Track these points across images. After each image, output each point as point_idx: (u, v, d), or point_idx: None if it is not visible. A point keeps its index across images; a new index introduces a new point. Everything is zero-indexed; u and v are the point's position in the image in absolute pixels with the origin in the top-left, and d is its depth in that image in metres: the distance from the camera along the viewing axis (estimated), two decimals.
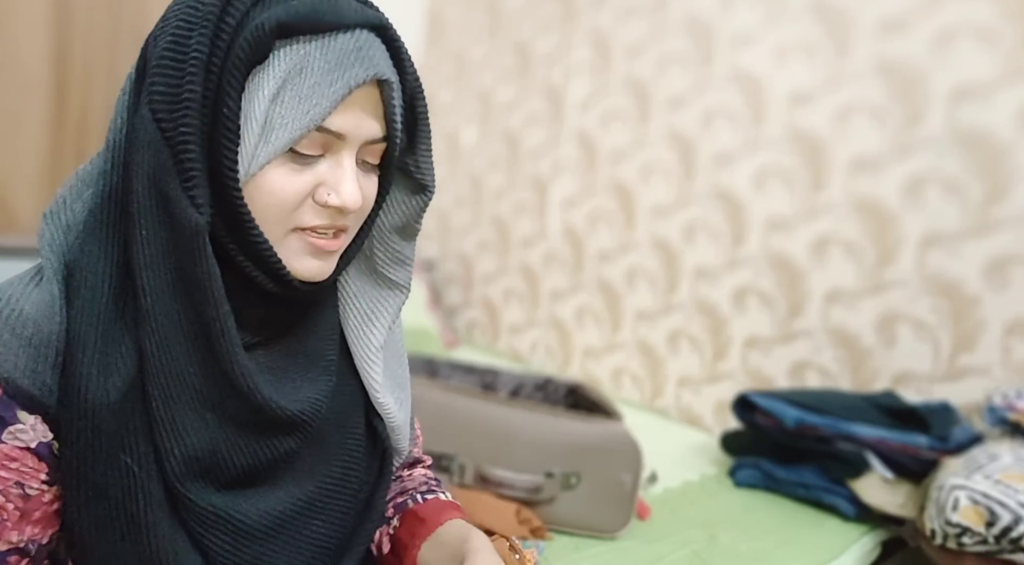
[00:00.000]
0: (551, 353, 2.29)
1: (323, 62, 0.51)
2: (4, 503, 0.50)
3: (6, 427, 0.50)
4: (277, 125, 0.50)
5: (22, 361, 0.50)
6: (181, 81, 0.50)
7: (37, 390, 0.50)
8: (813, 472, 1.41)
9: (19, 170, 2.00)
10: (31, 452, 0.51)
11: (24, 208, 2.03)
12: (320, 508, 0.61)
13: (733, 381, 1.86)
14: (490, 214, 2.42)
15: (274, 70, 0.50)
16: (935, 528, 1.15)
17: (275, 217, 0.53)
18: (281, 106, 0.50)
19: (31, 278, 0.53)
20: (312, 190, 0.54)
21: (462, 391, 1.28)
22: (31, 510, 0.52)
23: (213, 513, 0.54)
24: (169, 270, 0.50)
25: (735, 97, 1.82)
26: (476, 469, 1.19)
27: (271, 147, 0.51)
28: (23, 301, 0.51)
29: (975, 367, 1.50)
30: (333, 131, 0.52)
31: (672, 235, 1.97)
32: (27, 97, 1.97)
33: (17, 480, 0.50)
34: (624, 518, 1.21)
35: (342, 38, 0.52)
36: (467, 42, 2.47)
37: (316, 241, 0.55)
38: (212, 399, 0.53)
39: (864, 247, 1.64)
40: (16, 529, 0.51)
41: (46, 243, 0.53)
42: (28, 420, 0.50)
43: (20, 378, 0.49)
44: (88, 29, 2.02)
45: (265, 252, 0.53)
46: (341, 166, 0.54)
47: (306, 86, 0.50)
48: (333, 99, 0.51)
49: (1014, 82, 1.43)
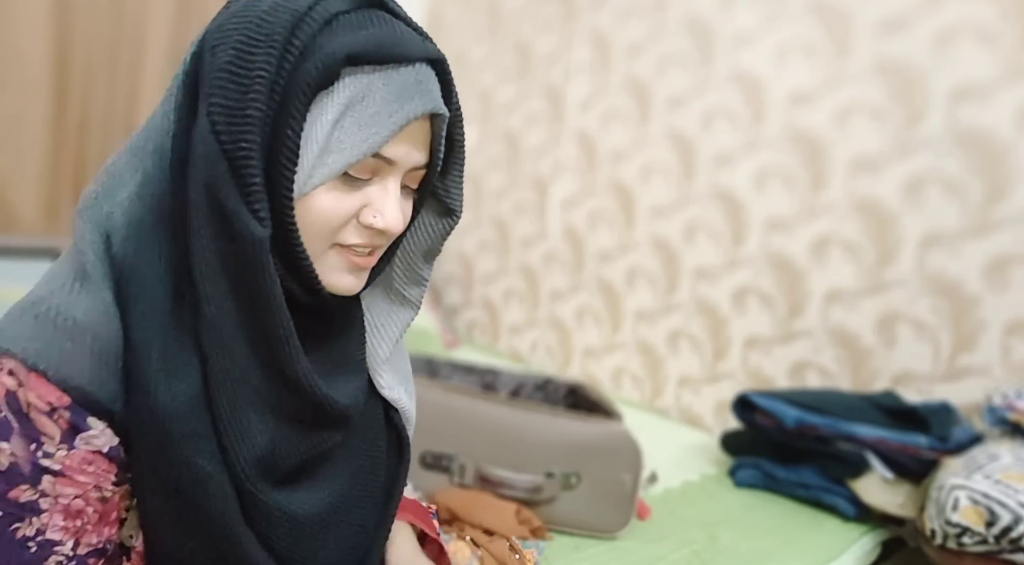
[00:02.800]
0: (551, 353, 2.29)
1: (385, 93, 0.53)
2: (84, 507, 0.52)
3: (79, 433, 0.51)
4: (335, 149, 0.52)
5: (87, 369, 0.50)
6: (244, 97, 0.50)
7: (104, 397, 0.51)
8: (813, 472, 1.41)
9: (20, 170, 2.00)
10: (103, 455, 0.52)
11: (25, 208, 2.03)
12: (358, 496, 0.64)
13: (733, 381, 1.86)
14: (490, 214, 2.43)
15: (338, 96, 0.52)
16: (935, 528, 1.15)
17: (319, 235, 0.55)
18: (341, 131, 0.52)
19: (73, 282, 0.52)
20: (357, 211, 0.56)
21: (462, 391, 1.28)
22: (108, 512, 0.54)
23: (277, 509, 0.56)
24: (229, 279, 0.52)
25: (735, 97, 1.82)
26: (476, 469, 1.19)
27: (327, 169, 0.52)
28: (74, 309, 0.51)
29: (975, 367, 1.50)
30: (387, 158, 0.55)
31: (672, 235, 1.97)
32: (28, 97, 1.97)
33: (96, 484, 0.52)
34: (624, 518, 1.21)
35: (404, 71, 0.54)
36: (467, 42, 2.47)
37: (355, 258, 0.57)
38: (271, 400, 0.55)
39: (864, 247, 1.64)
40: (95, 531, 0.53)
41: (87, 245, 0.53)
42: (98, 426, 0.51)
43: (87, 386, 0.50)
44: (88, 30, 2.02)
45: (305, 267, 0.55)
46: (387, 191, 0.56)
47: (367, 114, 0.52)
48: (392, 129, 0.53)
49: (1014, 82, 1.43)
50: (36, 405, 0.49)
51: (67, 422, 0.50)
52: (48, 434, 0.50)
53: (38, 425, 0.50)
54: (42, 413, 0.49)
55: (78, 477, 0.51)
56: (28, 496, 0.50)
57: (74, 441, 0.50)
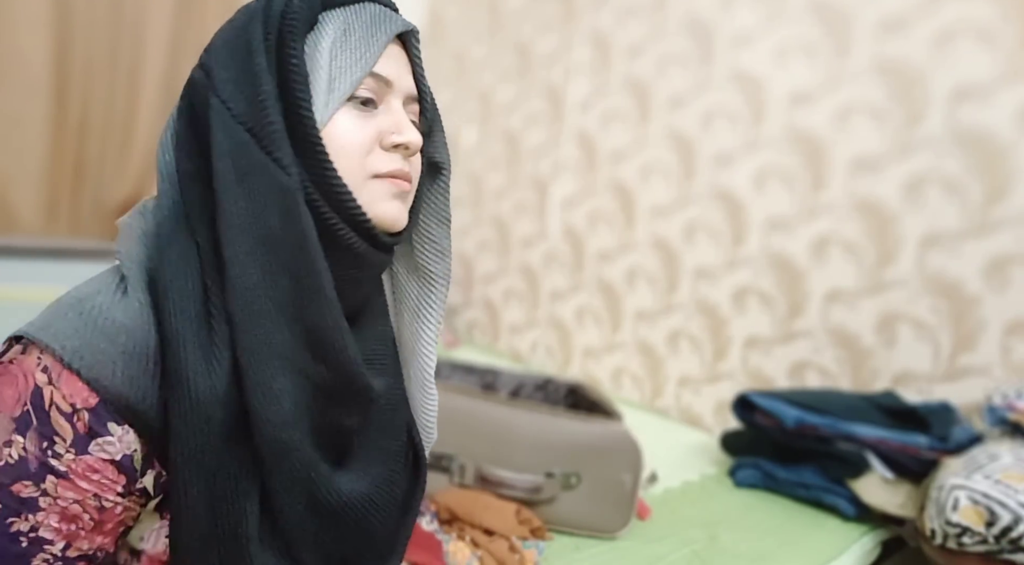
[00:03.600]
0: (551, 353, 2.29)
1: (361, 23, 0.60)
2: (80, 513, 0.52)
3: (94, 439, 0.51)
4: (337, 75, 0.57)
5: (120, 369, 0.52)
6: (247, 60, 0.56)
7: (134, 397, 0.52)
8: (813, 472, 1.41)
9: (20, 170, 2.00)
10: (113, 464, 0.52)
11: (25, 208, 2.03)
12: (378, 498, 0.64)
13: (733, 381, 1.86)
14: (490, 214, 2.43)
15: (326, 32, 0.58)
16: (935, 528, 1.15)
17: (352, 164, 0.58)
18: (338, 59, 0.58)
19: (116, 286, 0.55)
20: (378, 138, 0.59)
21: (462, 391, 1.28)
22: (104, 521, 0.54)
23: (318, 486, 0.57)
24: (256, 239, 0.53)
25: (735, 97, 1.82)
26: (476, 469, 1.19)
27: (338, 94, 0.57)
28: (114, 310, 0.53)
29: (975, 367, 1.50)
30: (384, 76, 0.60)
31: (672, 235, 1.97)
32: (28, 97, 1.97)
33: (96, 492, 0.52)
34: (624, 518, 1.21)
35: (370, 6, 0.61)
36: (467, 42, 2.47)
37: (394, 182, 0.60)
38: (298, 361, 0.55)
39: (864, 247, 1.64)
40: (87, 539, 0.53)
41: (125, 255, 0.56)
42: (117, 432, 0.52)
43: (119, 386, 0.51)
44: (88, 29, 2.02)
45: (345, 196, 0.56)
46: (394, 111, 0.61)
47: (354, 40, 0.59)
48: (379, 46, 0.59)
49: (1014, 82, 1.43)
50: (58, 404, 0.50)
51: (85, 425, 0.51)
52: (62, 435, 0.51)
53: (55, 424, 0.50)
54: (62, 413, 0.50)
55: (80, 483, 0.51)
56: (29, 492, 0.50)
57: (87, 446, 0.51)
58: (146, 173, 2.18)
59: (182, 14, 2.14)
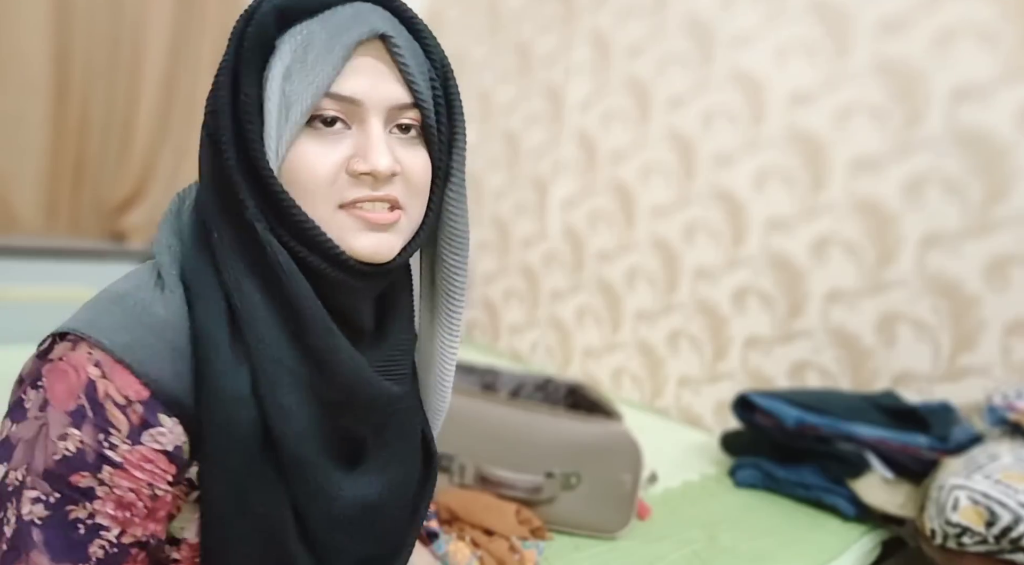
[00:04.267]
0: (551, 353, 2.29)
1: (324, 35, 0.54)
2: (135, 501, 0.53)
3: (147, 430, 0.52)
4: (292, 102, 0.53)
5: (167, 364, 0.53)
6: (217, 90, 0.55)
7: (181, 392, 0.53)
8: (813, 472, 1.41)
9: (20, 170, 2.00)
10: (165, 454, 0.53)
11: (25, 208, 2.03)
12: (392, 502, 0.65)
13: (733, 381, 1.86)
14: (490, 214, 2.43)
15: (282, 54, 0.54)
16: (935, 528, 1.15)
17: (315, 194, 0.55)
18: (292, 83, 0.53)
19: (155, 283, 0.56)
20: (345, 163, 0.55)
21: (462, 391, 1.28)
22: (157, 509, 0.55)
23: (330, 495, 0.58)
24: (248, 263, 0.55)
25: (735, 97, 1.82)
26: (476, 469, 1.19)
27: (291, 123, 0.54)
28: (156, 305, 0.55)
29: (975, 367, 1.50)
30: (346, 96, 0.54)
31: (672, 235, 1.97)
32: (28, 97, 1.97)
33: (149, 481, 0.53)
34: (624, 518, 1.21)
35: (340, 10, 0.55)
36: (467, 42, 2.47)
37: (367, 215, 0.56)
38: (304, 378, 0.56)
39: (864, 247, 1.64)
40: (142, 525, 0.54)
41: (164, 248, 0.58)
42: (168, 423, 0.53)
43: (168, 380, 0.53)
44: (89, 30, 2.02)
45: (310, 230, 0.54)
46: (366, 133, 0.56)
47: (311, 58, 0.54)
48: (335, 63, 0.54)
49: (1014, 82, 1.43)
50: (113, 397, 0.51)
51: (139, 417, 0.52)
52: (117, 426, 0.52)
53: (110, 416, 0.51)
54: (116, 405, 0.51)
55: (135, 472, 0.52)
56: (86, 482, 0.51)
57: (140, 436, 0.52)
58: (146, 173, 2.18)
59: (182, 14, 2.14)
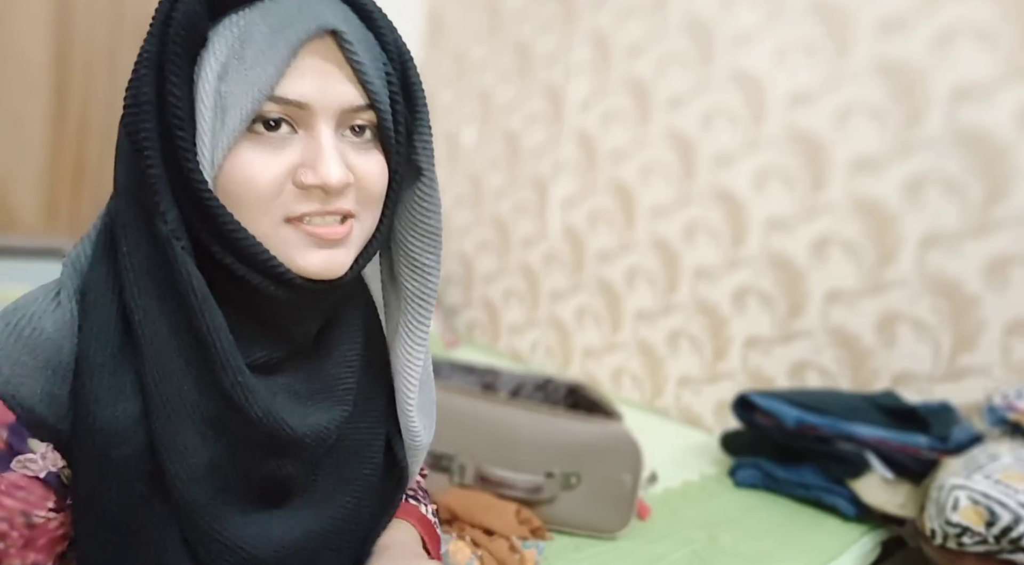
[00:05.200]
0: (551, 353, 2.29)
1: (265, 27, 0.47)
2: (8, 530, 0.49)
3: (15, 456, 0.49)
4: (229, 104, 0.46)
5: (39, 385, 0.48)
6: (138, 85, 0.48)
7: (53, 416, 0.49)
8: (813, 472, 1.41)
9: (19, 170, 2.00)
10: (39, 481, 0.50)
11: (24, 208, 2.03)
12: (331, 539, 0.58)
13: (733, 381, 1.86)
14: (490, 214, 2.42)
15: (216, 48, 0.47)
16: (935, 528, 1.15)
17: (257, 207, 0.49)
18: (228, 83, 0.46)
19: (54, 296, 0.51)
20: (291, 172, 0.49)
21: (462, 391, 1.28)
22: (36, 537, 0.51)
23: (220, 542, 0.51)
24: (157, 284, 0.48)
25: (735, 97, 1.82)
26: (476, 469, 1.19)
27: (228, 129, 0.47)
28: (44, 320, 0.49)
29: (975, 367, 1.50)
30: (292, 100, 0.48)
31: (672, 235, 1.97)
32: (28, 97, 1.97)
33: (23, 509, 0.50)
34: (624, 518, 1.21)
35: (284, 1, 0.48)
36: (467, 42, 2.47)
37: (316, 230, 0.50)
38: (210, 414, 0.50)
39: (864, 247, 1.64)
40: (19, 556, 0.50)
41: (71, 261, 0.52)
42: (39, 449, 0.49)
43: (37, 404, 0.48)
44: (88, 29, 2.02)
45: (250, 247, 0.49)
46: (315, 140, 0.49)
47: (249, 56, 0.46)
48: (279, 62, 0.47)
49: (1014, 82, 1.43)
50: None
51: (4, 442, 0.48)
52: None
53: None
54: None
55: (5, 500, 0.49)
56: None
57: (9, 463, 0.49)
58: None
59: None
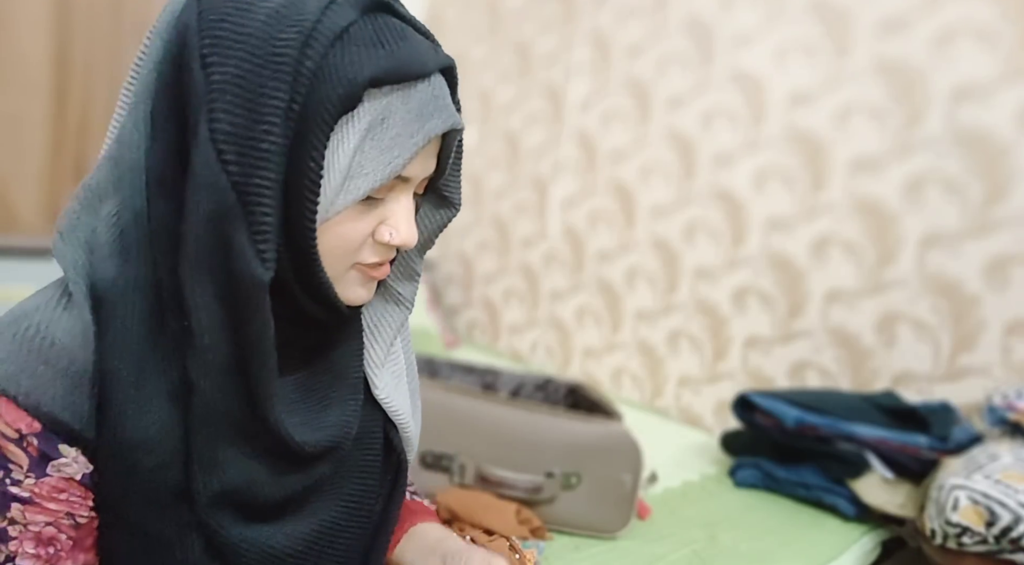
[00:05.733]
0: (551, 353, 2.29)
1: (404, 112, 0.51)
2: (57, 534, 0.50)
3: (50, 462, 0.49)
4: (357, 175, 0.50)
5: (59, 393, 0.48)
6: (256, 127, 0.47)
7: (76, 423, 0.49)
8: (813, 472, 1.41)
9: (20, 170, 2.00)
10: (77, 482, 0.50)
11: (25, 208, 2.03)
12: (344, 526, 0.62)
13: (733, 381, 1.86)
14: (490, 214, 2.42)
15: (359, 121, 0.49)
16: (935, 528, 1.15)
17: (340, 258, 0.53)
18: (363, 156, 0.50)
19: (58, 301, 0.50)
20: (372, 231, 0.54)
21: (462, 391, 1.28)
22: (83, 538, 0.52)
23: (245, 545, 0.54)
24: (225, 311, 0.49)
25: (735, 97, 1.82)
26: (476, 469, 1.19)
27: (349, 196, 0.50)
28: (55, 328, 0.49)
29: (975, 367, 1.50)
30: (406, 176, 0.54)
31: (672, 235, 1.97)
32: (28, 97, 1.97)
33: (68, 511, 0.51)
34: (624, 518, 1.21)
35: (421, 86, 0.52)
36: (467, 42, 2.47)
37: (373, 272, 0.56)
38: (250, 433, 0.53)
39: (864, 247, 1.64)
40: (70, 557, 0.51)
41: (70, 264, 0.49)
42: (70, 453, 0.50)
43: (59, 411, 0.48)
44: (89, 30, 2.02)
45: (327, 291, 0.54)
46: (401, 206, 0.55)
47: (388, 137, 0.50)
48: (413, 149, 0.51)
49: (1014, 82, 1.43)
50: (4, 432, 0.48)
51: (36, 449, 0.49)
52: (16, 462, 0.48)
53: (6, 452, 0.48)
54: (10, 440, 0.48)
55: (49, 505, 0.50)
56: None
57: (45, 468, 0.49)
58: None
59: None
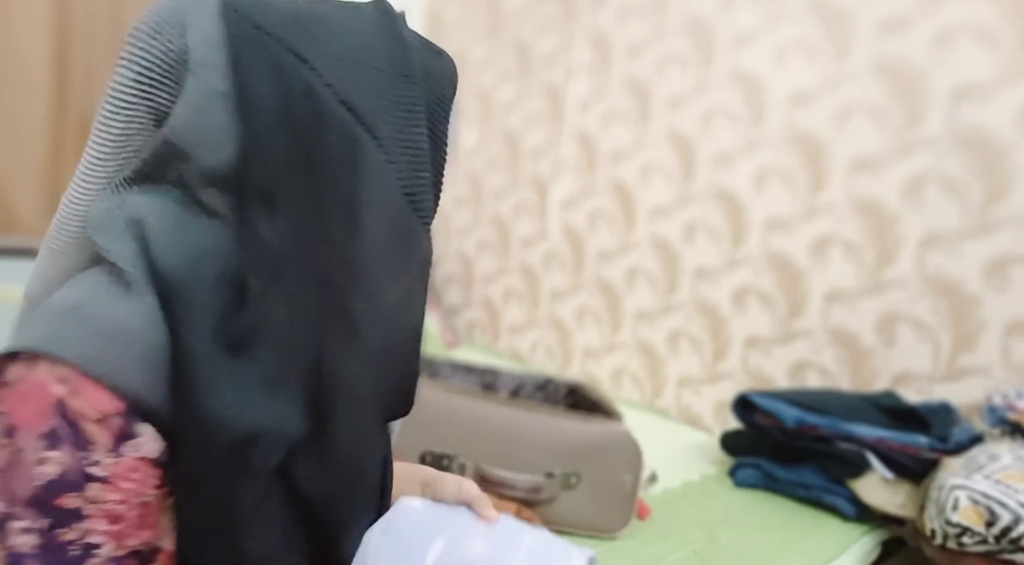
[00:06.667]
0: (551, 353, 2.29)
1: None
2: (126, 512, 0.52)
3: (127, 440, 0.51)
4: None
5: (137, 374, 0.51)
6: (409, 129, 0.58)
7: (154, 402, 0.51)
8: (813, 472, 1.41)
9: (20, 170, 2.00)
10: (149, 462, 0.52)
11: (25, 208, 2.03)
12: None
13: (733, 381, 1.86)
14: (490, 214, 2.42)
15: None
16: (935, 528, 1.15)
17: None
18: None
19: (114, 289, 0.52)
20: None
21: (462, 391, 1.28)
22: (147, 514, 0.53)
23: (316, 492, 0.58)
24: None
25: (735, 97, 1.82)
26: (476, 469, 1.19)
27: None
28: (119, 315, 0.51)
29: (975, 367, 1.50)
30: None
31: (672, 235, 1.97)
32: (28, 98, 1.97)
33: (138, 490, 0.52)
34: (624, 518, 1.21)
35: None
36: (467, 42, 2.47)
37: None
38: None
39: (864, 247, 1.64)
40: (135, 534, 0.53)
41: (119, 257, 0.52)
42: (147, 432, 0.52)
43: (139, 391, 0.50)
44: (89, 30, 2.02)
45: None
46: None
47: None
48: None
49: (1014, 82, 1.43)
50: (86, 413, 0.49)
51: (117, 429, 0.50)
52: (96, 442, 0.50)
53: (87, 433, 0.50)
54: (92, 421, 0.50)
55: (123, 484, 0.51)
56: (74, 503, 0.50)
57: (122, 448, 0.51)
58: None
59: None
